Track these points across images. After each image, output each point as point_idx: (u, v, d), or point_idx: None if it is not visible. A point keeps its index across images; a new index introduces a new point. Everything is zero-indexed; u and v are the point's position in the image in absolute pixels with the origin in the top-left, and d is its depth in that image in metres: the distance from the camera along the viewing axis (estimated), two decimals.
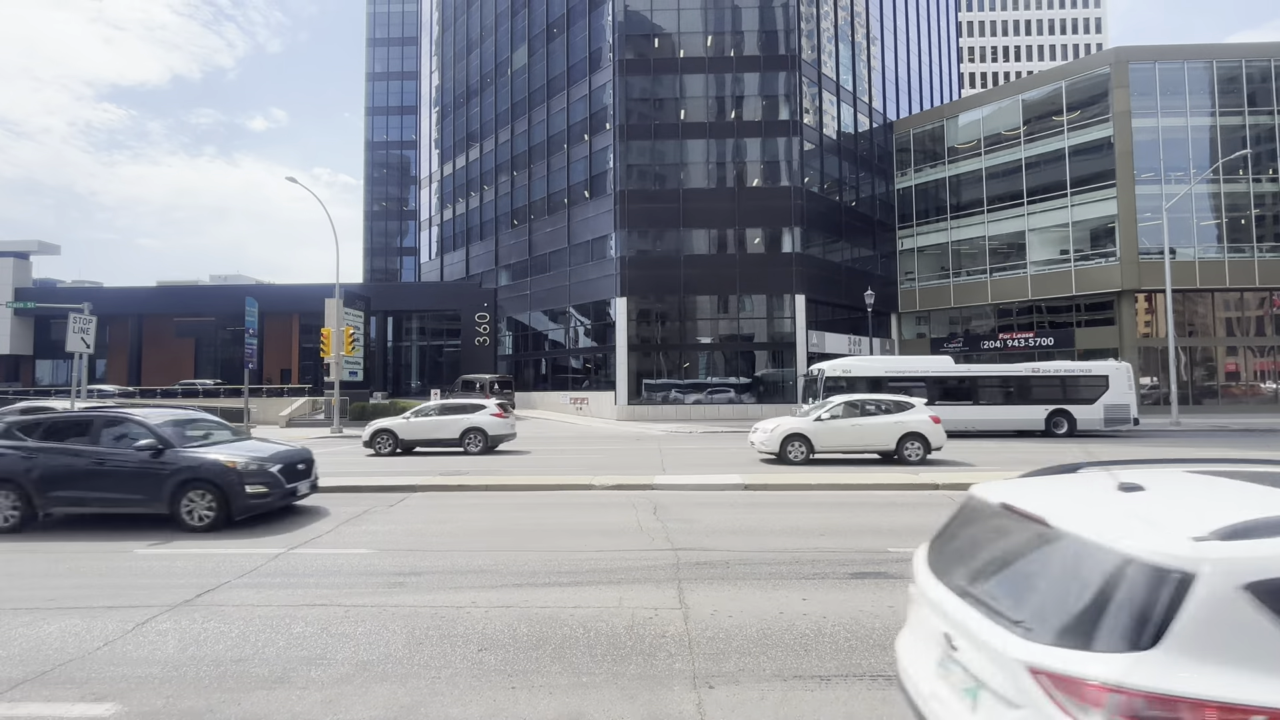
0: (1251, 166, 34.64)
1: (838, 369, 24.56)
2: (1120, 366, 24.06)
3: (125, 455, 8.49)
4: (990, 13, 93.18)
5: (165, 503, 8.32)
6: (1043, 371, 24.16)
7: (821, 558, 6.72)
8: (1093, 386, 23.39)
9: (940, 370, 24.46)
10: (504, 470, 14.40)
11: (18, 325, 46.34)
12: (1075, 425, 23.11)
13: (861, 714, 3.56)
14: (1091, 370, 23.90)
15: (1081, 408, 23.17)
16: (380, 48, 70.52)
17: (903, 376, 24.04)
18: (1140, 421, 24.35)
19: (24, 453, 8.62)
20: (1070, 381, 23.63)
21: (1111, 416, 23.26)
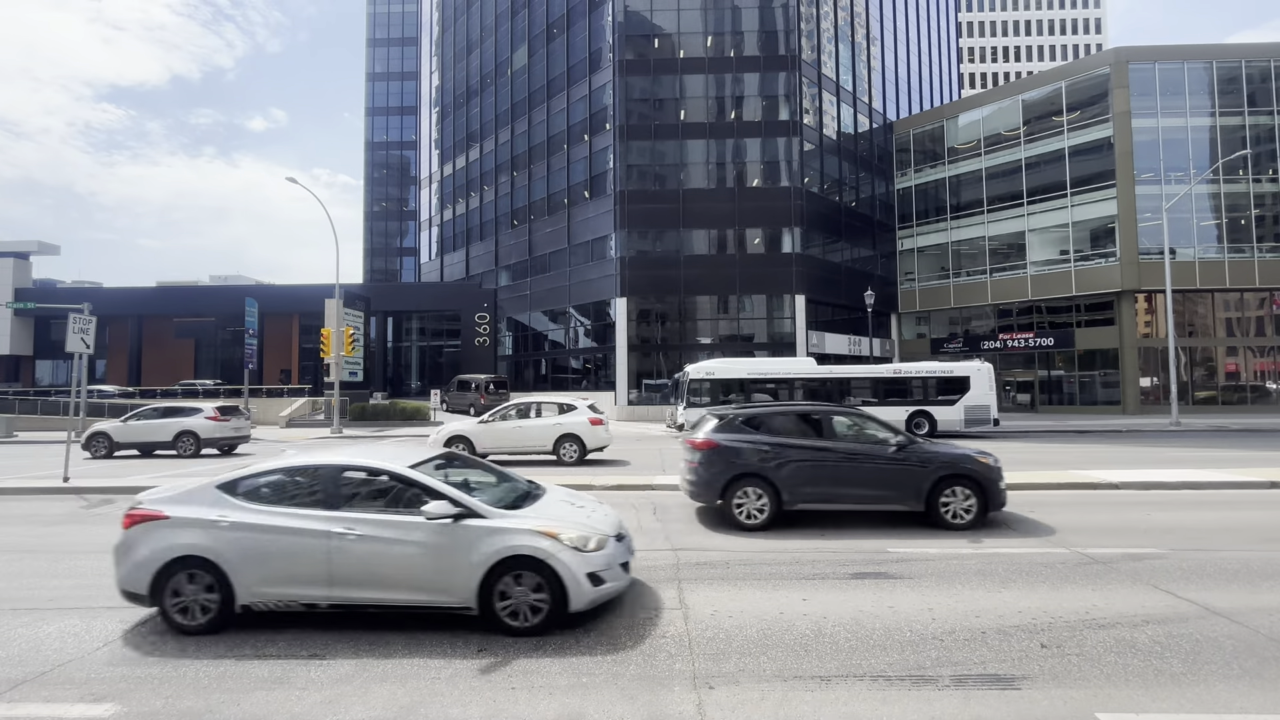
0: (1251, 167, 34.63)
1: (700, 371, 24.57)
2: (982, 367, 23.97)
3: (875, 451, 8.27)
4: (990, 13, 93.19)
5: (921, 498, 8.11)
6: (904, 373, 24.15)
7: (821, 558, 6.71)
8: (954, 387, 23.35)
9: (802, 372, 24.41)
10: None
11: (18, 325, 46.35)
12: (936, 426, 23.11)
13: (861, 714, 3.55)
14: (953, 371, 23.82)
15: (942, 408, 23.14)
16: (380, 48, 70.53)
17: (764, 379, 24.06)
18: (1000, 422, 24.23)
19: (767, 448, 8.32)
20: (932, 383, 23.59)
21: (972, 417, 23.26)
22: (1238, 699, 3.70)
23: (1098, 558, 6.63)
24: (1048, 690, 3.79)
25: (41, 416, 33.33)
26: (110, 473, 15.04)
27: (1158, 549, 6.98)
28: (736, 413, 8.99)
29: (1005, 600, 5.36)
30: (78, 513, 10.03)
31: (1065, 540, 7.39)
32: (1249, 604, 5.22)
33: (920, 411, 23.05)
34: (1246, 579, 5.91)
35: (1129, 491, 10.70)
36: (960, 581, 5.88)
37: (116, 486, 12.22)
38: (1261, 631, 4.66)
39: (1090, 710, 3.57)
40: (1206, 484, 11.00)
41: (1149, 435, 23.65)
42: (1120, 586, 5.71)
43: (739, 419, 8.82)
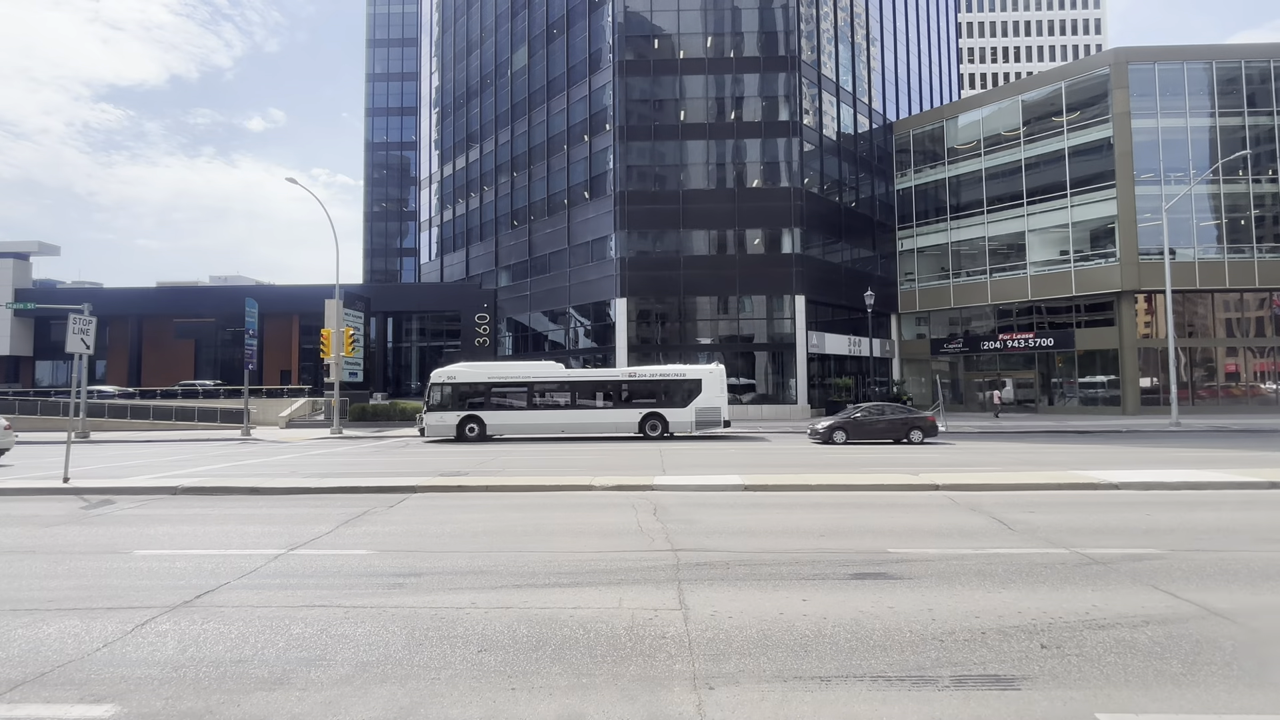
0: (1251, 167, 34.65)
1: (443, 375, 24.84)
2: (713, 370, 24.40)
3: None
4: (990, 13, 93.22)
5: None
6: (639, 376, 24.61)
7: (821, 558, 6.71)
8: (686, 390, 23.78)
9: (543, 375, 24.84)
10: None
11: (18, 326, 46.35)
12: (668, 427, 23.68)
13: (861, 714, 3.55)
14: (685, 374, 24.32)
15: (675, 410, 23.67)
16: (380, 49, 70.55)
17: (506, 382, 24.35)
18: (731, 424, 24.78)
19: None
20: (665, 385, 24.06)
21: (703, 419, 23.82)
22: (1238, 700, 3.70)
23: (1098, 558, 6.62)
24: (1048, 691, 3.79)
25: (41, 417, 33.35)
26: (111, 473, 15.04)
27: (1158, 549, 6.98)
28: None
29: (1005, 600, 5.36)
30: (78, 513, 10.03)
31: (1065, 540, 7.39)
32: (1249, 604, 5.22)
33: (654, 414, 23.73)
34: (1247, 579, 5.91)
35: (1129, 492, 10.70)
36: (960, 582, 5.88)
37: (117, 487, 12.23)
38: (1262, 632, 4.66)
39: (1090, 710, 3.57)
40: (1207, 484, 11.00)
41: (1149, 435, 23.66)
42: (1120, 587, 5.71)
43: None
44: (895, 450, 19.11)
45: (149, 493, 11.81)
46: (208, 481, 12.53)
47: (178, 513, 9.96)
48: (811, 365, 35.93)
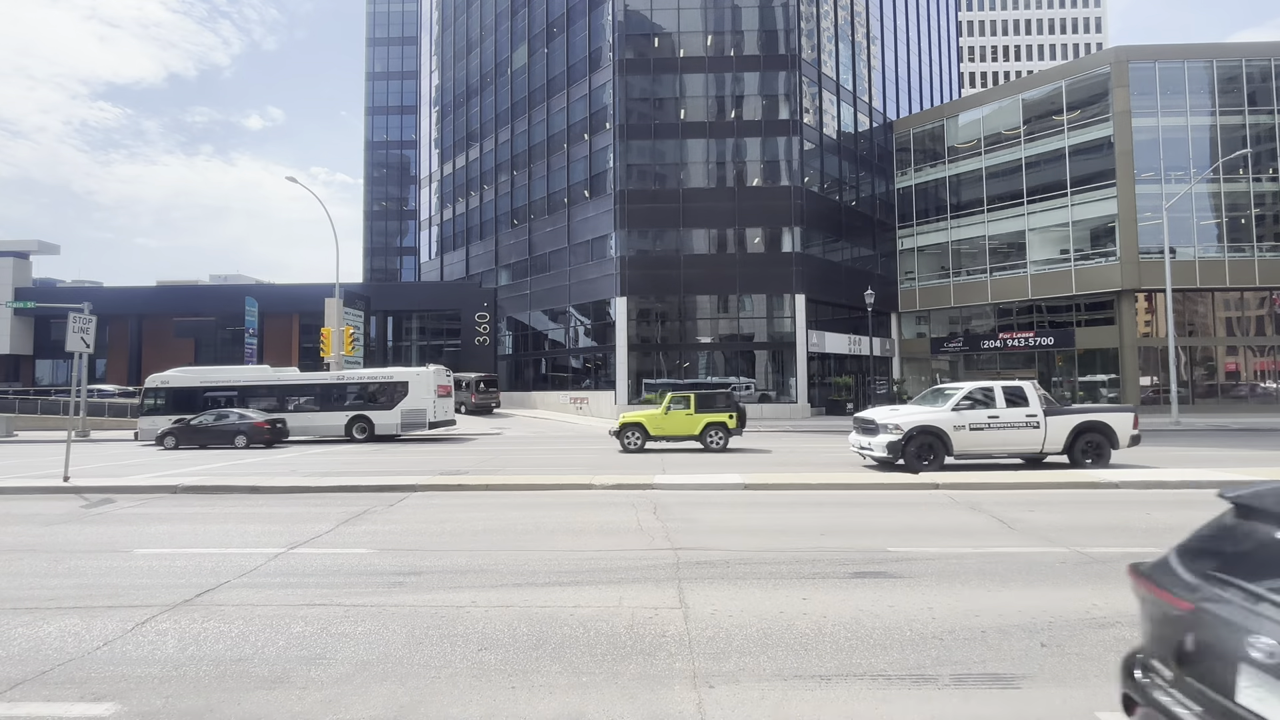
0: (1251, 166, 34.63)
1: (157, 381, 24.77)
2: (421, 373, 24.36)
3: None
4: (990, 12, 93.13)
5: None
6: (348, 378, 24.67)
7: (822, 557, 6.71)
8: (392, 392, 23.80)
9: (255, 379, 24.89)
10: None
11: (17, 325, 46.34)
12: (374, 430, 23.65)
13: (861, 713, 3.55)
14: (392, 377, 24.33)
15: (381, 413, 23.64)
16: (380, 47, 70.51)
17: (219, 385, 24.37)
18: (436, 426, 24.60)
19: None
20: (372, 388, 24.06)
21: (408, 421, 23.81)
22: None
23: (1098, 557, 6.63)
24: (1048, 690, 3.79)
25: (41, 416, 33.36)
26: (111, 472, 15.05)
27: (1158, 548, 6.96)
28: None
29: (1005, 599, 5.36)
30: (78, 512, 10.04)
31: (1065, 539, 7.39)
32: None
33: (360, 416, 23.68)
34: None
35: (1129, 490, 10.71)
36: (960, 580, 5.88)
37: (117, 486, 12.23)
38: None
39: (1090, 709, 3.57)
40: (1206, 483, 11.00)
41: (1149, 434, 23.60)
42: (1120, 585, 5.71)
43: None
44: None
45: (149, 491, 11.81)
46: (208, 480, 12.53)
47: (178, 511, 9.97)
48: (811, 364, 35.92)
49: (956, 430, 13.02)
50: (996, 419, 13.13)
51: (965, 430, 13.03)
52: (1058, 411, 13.38)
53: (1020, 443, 13.16)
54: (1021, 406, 13.20)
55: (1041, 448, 13.21)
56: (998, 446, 13.23)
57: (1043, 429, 13.12)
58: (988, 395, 13.41)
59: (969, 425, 13.06)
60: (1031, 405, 13.17)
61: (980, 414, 13.14)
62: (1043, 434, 13.12)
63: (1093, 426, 13.29)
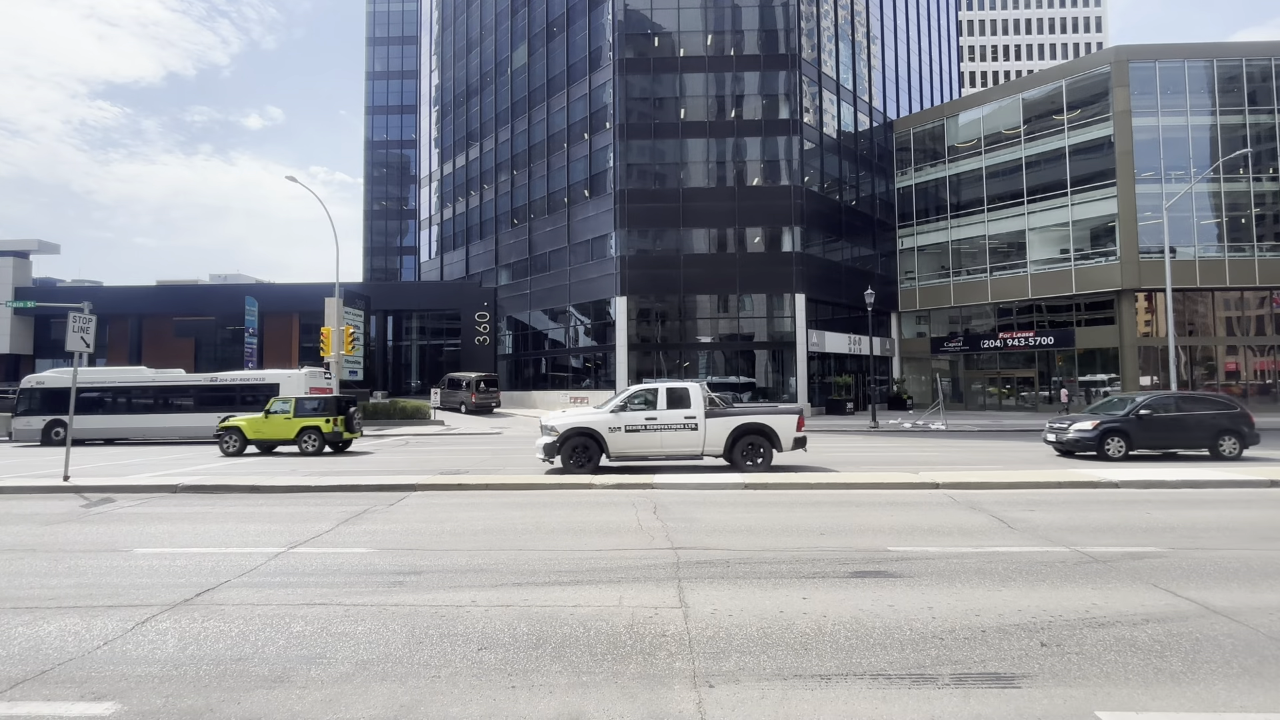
0: (1252, 165, 34.63)
1: (32, 381, 24.79)
2: (293, 374, 24.41)
3: None
4: (990, 11, 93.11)
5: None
6: (222, 380, 24.60)
7: (822, 556, 6.71)
8: (265, 394, 23.84)
9: (130, 380, 24.76)
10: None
11: (17, 324, 46.34)
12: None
13: (861, 712, 3.55)
14: (265, 378, 24.49)
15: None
16: (380, 46, 70.49)
17: (93, 386, 24.20)
18: None
19: None
20: (246, 390, 24.12)
21: None
22: (1238, 697, 3.70)
23: (1097, 556, 6.63)
24: (1048, 689, 3.79)
25: None
26: (111, 471, 15.04)
27: (1157, 547, 6.98)
28: None
29: (1005, 599, 5.36)
30: (78, 511, 10.04)
31: (1065, 538, 7.40)
32: (1249, 603, 5.23)
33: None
34: (1246, 578, 5.92)
35: (1129, 490, 10.71)
36: (960, 580, 5.88)
37: (117, 485, 12.23)
38: (1261, 630, 4.66)
39: (1090, 709, 3.57)
40: (1206, 482, 11.00)
41: None
42: (1120, 585, 5.71)
43: None
44: (893, 449, 19.12)
45: (149, 491, 11.81)
46: (208, 480, 12.53)
47: (178, 511, 9.97)
48: (811, 364, 35.93)
49: (612, 432, 13.12)
50: (655, 420, 13.17)
51: (621, 432, 13.15)
52: (719, 413, 13.35)
53: (678, 444, 13.22)
54: (682, 408, 13.23)
55: (701, 449, 13.26)
56: (655, 448, 13.27)
57: (701, 431, 13.14)
58: (652, 396, 13.49)
59: (625, 427, 13.16)
60: (693, 407, 13.18)
61: (639, 416, 13.22)
62: (701, 436, 13.15)
63: (753, 428, 13.21)
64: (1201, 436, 15.03)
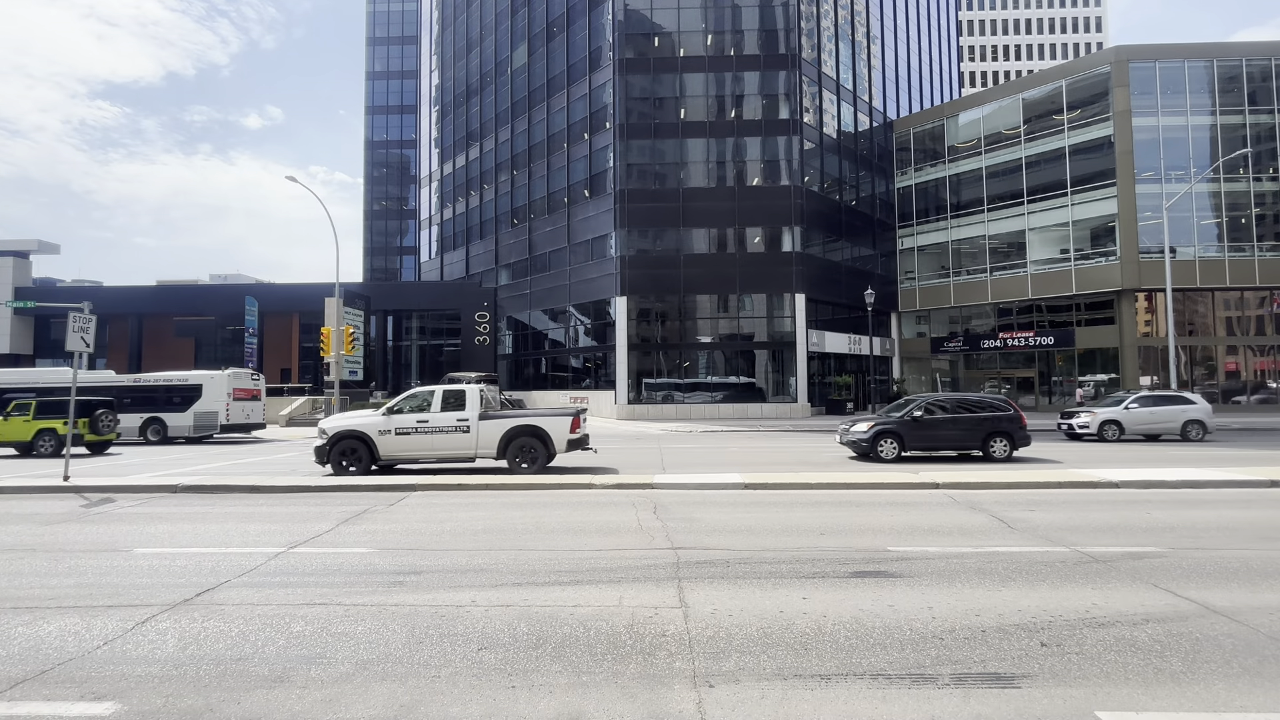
0: (1252, 165, 34.63)
1: None
2: (215, 376, 24.54)
3: None
4: (990, 11, 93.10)
5: None
6: (144, 381, 24.74)
7: (822, 556, 6.71)
8: (187, 395, 23.99)
9: (49, 381, 24.88)
10: None
11: (17, 324, 46.33)
12: (168, 432, 23.88)
13: (861, 712, 3.55)
14: (188, 379, 24.55)
15: (175, 415, 23.85)
16: (380, 46, 70.50)
17: (13, 388, 24.25)
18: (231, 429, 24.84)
19: None
20: (169, 391, 24.22)
21: (200, 423, 24.06)
22: (1238, 697, 3.70)
23: (1097, 556, 6.63)
24: (1048, 689, 3.79)
25: None
26: (111, 471, 15.04)
27: (1157, 548, 6.98)
28: None
29: (1005, 599, 5.36)
30: (78, 511, 10.04)
31: (1065, 539, 7.40)
32: (1249, 603, 5.23)
33: (154, 418, 23.75)
34: (1246, 578, 5.92)
35: (1129, 490, 10.71)
36: (960, 580, 5.88)
37: (117, 485, 12.23)
38: (1261, 630, 4.66)
39: (1090, 709, 3.57)
40: (1206, 482, 11.00)
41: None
42: (1120, 585, 5.71)
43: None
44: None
45: (149, 491, 11.81)
46: (208, 480, 12.53)
47: (178, 511, 9.97)
48: (811, 364, 35.94)
49: (382, 435, 13.10)
50: (426, 423, 13.16)
51: (392, 435, 13.13)
52: (493, 416, 13.39)
53: (451, 447, 13.19)
54: (456, 410, 13.23)
55: (474, 452, 13.24)
56: (426, 451, 13.18)
57: (474, 433, 13.14)
58: (428, 398, 13.49)
59: (395, 430, 13.13)
60: (467, 409, 13.19)
61: (411, 419, 13.21)
62: (474, 438, 13.14)
63: (526, 430, 13.17)
64: (973, 438, 15.58)
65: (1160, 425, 20.63)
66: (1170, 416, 20.56)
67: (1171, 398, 21.13)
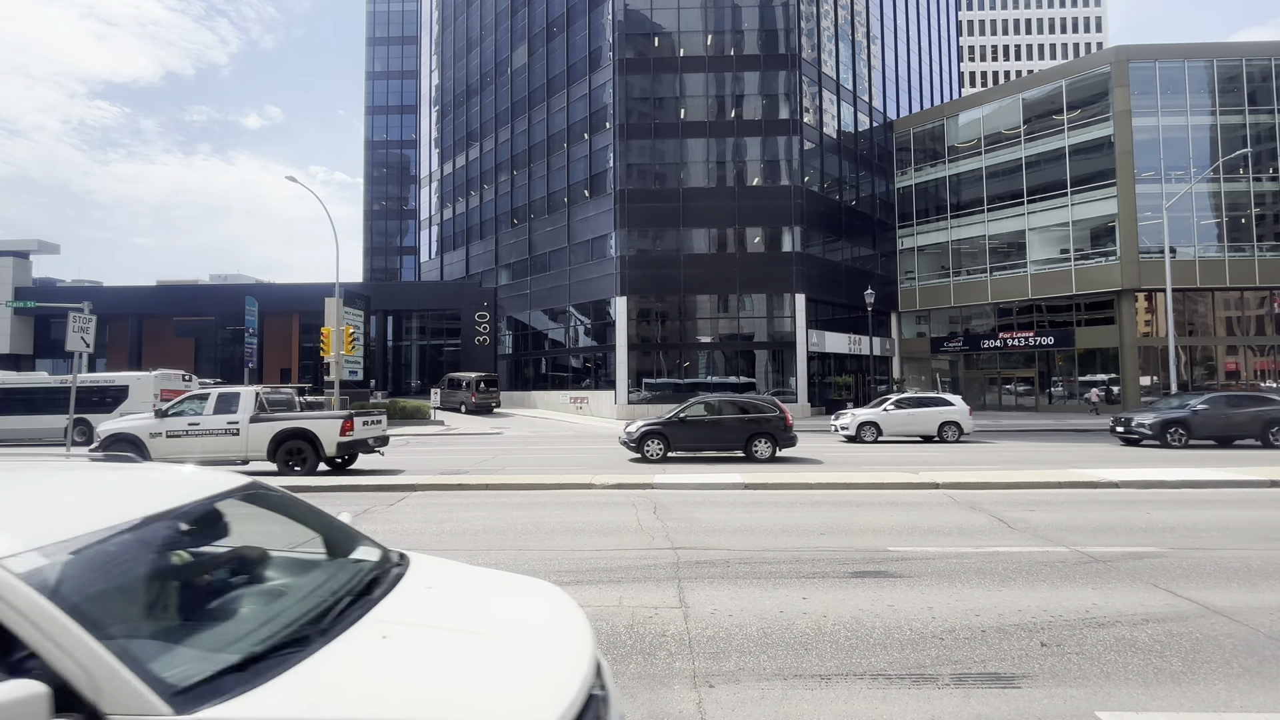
0: (1252, 165, 34.63)
1: None
2: (142, 377, 24.53)
3: None
4: (990, 11, 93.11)
5: None
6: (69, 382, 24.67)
7: (822, 556, 6.71)
8: (115, 396, 23.96)
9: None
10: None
11: (17, 324, 46.35)
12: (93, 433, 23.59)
13: (861, 712, 3.55)
14: (114, 380, 24.57)
15: (101, 417, 23.57)
16: (380, 46, 70.50)
17: None
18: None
19: None
20: (94, 392, 24.16)
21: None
22: (1238, 697, 3.70)
23: (1097, 556, 6.63)
24: (1048, 689, 3.79)
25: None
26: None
27: (1158, 548, 6.98)
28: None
29: (1005, 599, 5.36)
30: None
31: (1065, 539, 7.40)
32: (1249, 603, 5.23)
33: (81, 419, 23.53)
34: (1246, 578, 5.92)
35: (1129, 490, 10.71)
36: (960, 580, 5.88)
37: None
38: (1261, 630, 4.66)
39: (1090, 709, 3.57)
40: (1206, 482, 11.01)
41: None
42: (1120, 585, 5.71)
43: None
44: (893, 449, 19.11)
45: None
46: None
47: None
48: (811, 364, 35.94)
49: (154, 438, 13.26)
50: (198, 426, 13.36)
51: (163, 438, 13.31)
52: (265, 418, 13.50)
53: (220, 449, 13.35)
54: (228, 413, 13.41)
55: (244, 454, 13.36)
56: (197, 453, 13.23)
57: (244, 436, 13.30)
58: (202, 402, 13.66)
59: (166, 432, 13.33)
60: (238, 412, 13.38)
61: (182, 421, 13.42)
62: (244, 441, 13.31)
63: (296, 433, 13.32)
64: (736, 439, 16.08)
65: (918, 427, 20.91)
66: (928, 418, 20.90)
67: (932, 400, 21.63)
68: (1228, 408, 18.49)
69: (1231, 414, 18.35)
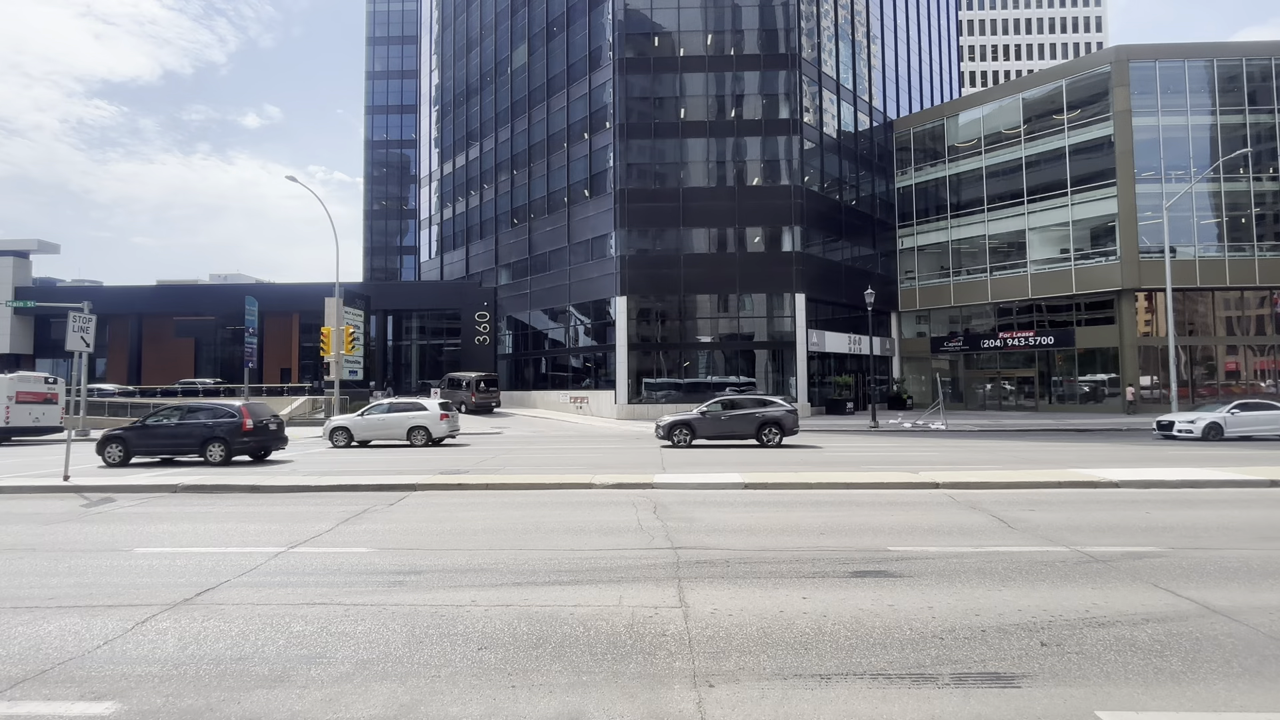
0: (1252, 165, 34.62)
1: None
2: (2, 379, 24.68)
3: None
4: (990, 11, 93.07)
5: None
6: None
7: (822, 556, 6.71)
8: None
9: None
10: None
11: (17, 324, 46.36)
12: None
13: (861, 712, 3.55)
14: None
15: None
16: (380, 46, 70.48)
17: None
18: (19, 432, 24.84)
19: None
20: None
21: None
22: (1238, 697, 3.70)
23: (1097, 556, 6.63)
24: (1048, 688, 3.79)
25: None
26: (111, 472, 15.04)
27: (1157, 547, 6.98)
28: None
29: (1005, 598, 5.36)
30: (78, 511, 10.04)
31: (1065, 538, 7.40)
32: (1248, 602, 5.23)
33: None
34: (1246, 577, 5.92)
35: (1129, 490, 10.71)
36: (960, 579, 5.88)
37: (117, 485, 12.23)
38: (1261, 630, 4.66)
39: (1090, 708, 3.57)
40: (1206, 482, 11.01)
41: (1149, 434, 23.66)
42: (1120, 585, 5.71)
43: None
44: (893, 449, 19.11)
45: (150, 490, 11.81)
46: (208, 479, 12.53)
47: (178, 510, 9.97)
48: (811, 363, 35.94)
49: None
50: None
51: None
52: None
53: None
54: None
55: None
56: None
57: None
58: None
59: None
60: None
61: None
62: None
63: None
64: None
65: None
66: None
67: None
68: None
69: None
